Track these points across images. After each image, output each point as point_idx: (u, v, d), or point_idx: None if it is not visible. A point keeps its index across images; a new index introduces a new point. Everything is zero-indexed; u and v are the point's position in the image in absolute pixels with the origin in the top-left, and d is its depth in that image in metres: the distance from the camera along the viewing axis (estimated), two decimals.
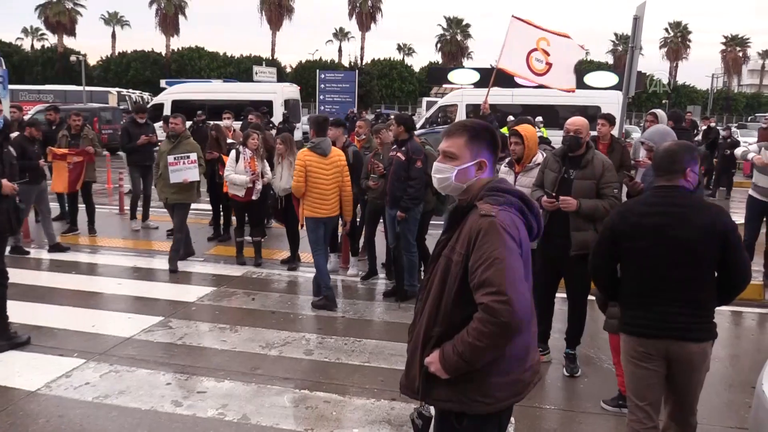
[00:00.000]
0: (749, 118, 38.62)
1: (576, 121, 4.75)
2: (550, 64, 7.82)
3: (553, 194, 4.69)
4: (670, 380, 3.22)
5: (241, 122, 11.80)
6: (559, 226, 4.65)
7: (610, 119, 6.68)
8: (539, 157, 5.29)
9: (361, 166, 7.17)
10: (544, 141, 6.51)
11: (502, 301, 2.07)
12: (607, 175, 4.65)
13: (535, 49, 7.80)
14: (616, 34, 62.14)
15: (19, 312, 5.65)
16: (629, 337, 3.23)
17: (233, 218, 9.01)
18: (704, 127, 19.32)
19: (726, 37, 64.50)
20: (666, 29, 62.74)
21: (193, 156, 7.72)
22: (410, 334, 2.50)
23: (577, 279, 4.84)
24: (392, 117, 7.60)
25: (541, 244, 4.74)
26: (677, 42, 61.74)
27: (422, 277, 6.83)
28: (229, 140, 9.13)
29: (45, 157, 8.67)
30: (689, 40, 62.79)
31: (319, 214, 6.41)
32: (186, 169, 7.61)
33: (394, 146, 6.63)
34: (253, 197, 7.82)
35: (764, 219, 7.22)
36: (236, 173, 7.70)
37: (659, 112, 7.21)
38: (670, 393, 3.28)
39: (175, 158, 7.56)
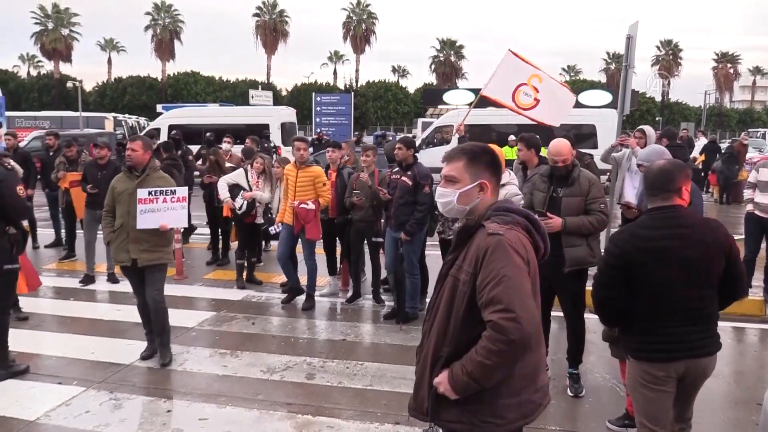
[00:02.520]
0: (742, 134, 38.99)
1: (561, 150, 4.77)
2: (537, 101, 7.89)
3: (545, 212, 4.71)
4: (678, 395, 3.21)
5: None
6: (550, 243, 4.65)
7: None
8: (507, 176, 5.37)
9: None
10: (544, 161, 6.39)
11: (510, 318, 2.07)
12: (593, 191, 4.73)
13: (524, 84, 7.86)
14: (608, 53, 62.97)
15: (17, 340, 5.60)
16: (647, 364, 3.15)
17: (231, 242, 9.02)
18: (699, 140, 19.69)
19: (717, 54, 65.22)
20: (657, 47, 63.48)
21: (182, 191, 5.60)
22: (418, 355, 2.49)
23: (570, 296, 4.85)
24: (389, 138, 7.65)
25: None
26: (669, 60, 62.38)
27: (425, 299, 6.85)
28: (228, 164, 9.15)
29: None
30: (681, 58, 63.50)
31: None
32: (166, 210, 5.44)
33: (397, 169, 6.66)
34: (258, 220, 7.90)
35: (764, 235, 7.22)
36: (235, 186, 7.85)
37: (647, 128, 7.25)
38: (676, 406, 3.26)
39: (150, 193, 5.36)
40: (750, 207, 7.23)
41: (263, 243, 9.41)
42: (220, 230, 9.31)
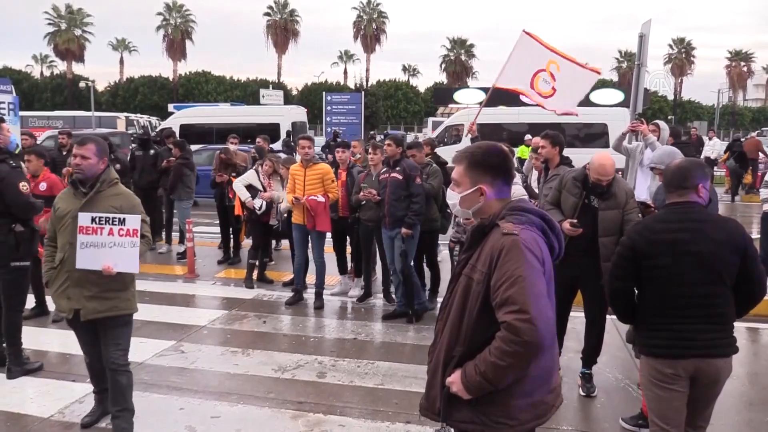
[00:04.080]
0: (756, 133, 38.73)
1: (607, 169, 4.59)
2: (554, 90, 7.47)
3: (575, 220, 4.67)
4: (693, 397, 3.19)
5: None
6: (577, 245, 4.61)
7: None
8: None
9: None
10: (565, 161, 6.18)
11: (524, 320, 2.05)
12: (630, 202, 4.67)
13: (543, 70, 7.41)
14: (620, 51, 62.42)
15: (31, 338, 5.64)
16: (654, 360, 3.16)
17: (241, 242, 9.06)
18: (713, 140, 19.72)
19: (730, 52, 64.65)
20: (670, 45, 62.97)
21: (133, 222, 3.91)
22: (431, 355, 2.48)
23: (597, 298, 4.77)
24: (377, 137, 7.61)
25: (558, 262, 4.73)
26: (681, 58, 61.87)
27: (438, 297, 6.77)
28: (242, 165, 9.18)
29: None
30: (693, 56, 62.96)
31: None
32: (112, 246, 3.87)
33: (386, 168, 6.63)
34: (272, 221, 7.90)
35: None
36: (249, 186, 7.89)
37: (662, 123, 7.15)
38: (690, 409, 3.23)
39: (94, 220, 3.86)
40: (767, 207, 7.15)
41: (274, 242, 9.43)
42: (231, 229, 9.35)
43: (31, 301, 6.26)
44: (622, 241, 3.30)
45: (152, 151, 9.93)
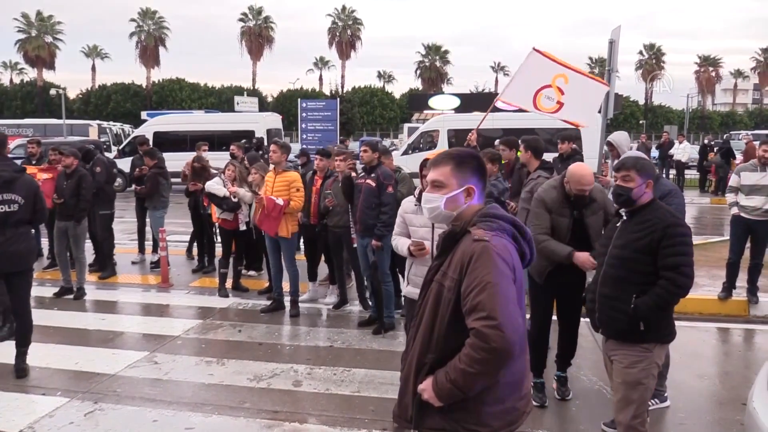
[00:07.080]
0: (724, 136, 39.52)
1: (589, 178, 4.43)
2: (561, 104, 7.29)
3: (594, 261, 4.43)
4: None
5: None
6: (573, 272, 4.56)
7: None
8: None
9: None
10: (545, 164, 5.97)
11: (493, 326, 2.06)
12: (608, 203, 4.58)
13: (548, 86, 7.28)
14: (591, 58, 63.13)
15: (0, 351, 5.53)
16: (667, 343, 3.59)
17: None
18: (683, 144, 20.52)
19: (700, 58, 65.91)
20: (641, 51, 64.03)
21: None
22: (403, 362, 2.47)
23: (578, 303, 4.69)
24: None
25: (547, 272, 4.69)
26: (652, 64, 62.90)
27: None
28: (213, 171, 9.10)
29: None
30: (663, 62, 64.06)
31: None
32: None
33: (362, 173, 6.62)
34: (241, 227, 7.81)
35: (749, 236, 7.23)
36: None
37: (615, 137, 6.57)
38: None
39: None
40: (735, 210, 7.15)
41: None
42: (205, 237, 9.25)
43: None
44: (687, 231, 3.45)
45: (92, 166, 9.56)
